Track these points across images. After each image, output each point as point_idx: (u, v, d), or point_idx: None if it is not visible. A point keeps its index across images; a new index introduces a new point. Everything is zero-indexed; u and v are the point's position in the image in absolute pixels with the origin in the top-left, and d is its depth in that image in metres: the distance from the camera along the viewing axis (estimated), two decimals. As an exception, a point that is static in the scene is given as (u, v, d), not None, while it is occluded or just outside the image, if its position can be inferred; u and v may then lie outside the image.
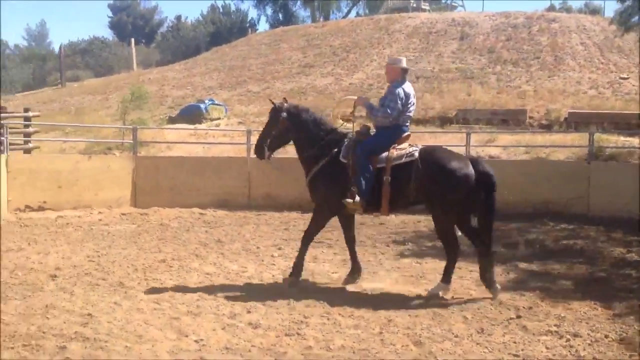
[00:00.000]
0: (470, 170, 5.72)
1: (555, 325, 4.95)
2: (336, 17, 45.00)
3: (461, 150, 12.56)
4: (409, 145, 6.04)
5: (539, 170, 11.14)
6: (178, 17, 49.85)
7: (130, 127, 13.47)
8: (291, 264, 6.88)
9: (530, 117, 17.73)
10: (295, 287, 5.90)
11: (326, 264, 7.06)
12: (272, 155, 6.23)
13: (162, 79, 27.26)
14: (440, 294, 5.73)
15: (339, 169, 5.95)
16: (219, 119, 19.88)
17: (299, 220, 10.33)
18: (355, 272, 6.22)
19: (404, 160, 5.84)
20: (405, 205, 6.19)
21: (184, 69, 29.02)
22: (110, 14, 54.09)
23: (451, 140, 14.68)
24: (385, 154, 5.89)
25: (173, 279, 6.23)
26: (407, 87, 6.17)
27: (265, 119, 6.72)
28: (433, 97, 20.19)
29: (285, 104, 6.17)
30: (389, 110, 5.97)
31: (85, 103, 24.76)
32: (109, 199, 10.91)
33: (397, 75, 6.21)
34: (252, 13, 57.26)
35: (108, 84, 28.52)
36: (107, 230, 8.92)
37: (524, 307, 5.40)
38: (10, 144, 11.21)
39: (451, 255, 5.87)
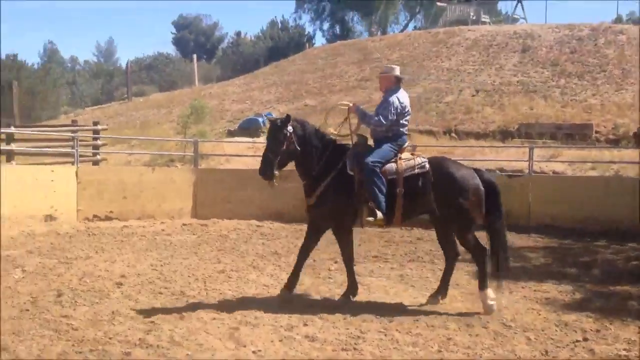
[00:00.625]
0: (478, 179, 5.80)
1: (624, 349, 4.72)
2: (393, 30, 45.03)
3: (524, 166, 12.29)
4: (411, 155, 5.97)
5: (606, 187, 10.71)
6: (238, 33, 51.16)
7: (192, 140, 13.85)
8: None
9: (597, 132, 17.12)
10: (349, 301, 5.82)
11: (382, 279, 7.00)
12: (277, 175, 5.84)
13: (222, 93, 27.95)
14: (489, 302, 5.60)
15: (347, 182, 5.77)
16: (278, 132, 20.17)
17: (355, 234, 10.27)
18: (351, 290, 5.99)
19: (416, 171, 5.79)
20: (414, 216, 6.13)
21: (243, 84, 29.66)
22: (174, 31, 56.07)
23: (513, 155, 14.33)
24: (393, 165, 5.80)
25: (232, 289, 6.33)
26: (402, 96, 6.06)
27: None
28: (493, 111, 19.82)
29: (287, 118, 5.79)
30: (382, 119, 5.86)
31: (149, 117, 25.67)
32: (171, 209, 11.22)
33: (391, 84, 6.12)
34: (310, 28, 58.14)
35: (171, 99, 29.48)
36: (169, 240, 9.16)
37: (591, 330, 5.17)
38: (80, 156, 11.74)
39: (480, 260, 5.82)
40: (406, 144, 6.08)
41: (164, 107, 27.24)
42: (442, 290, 5.99)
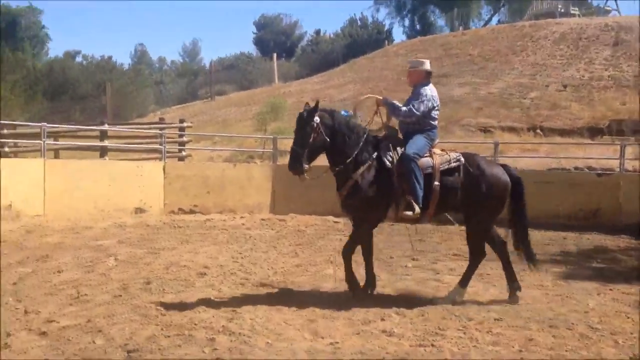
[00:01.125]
0: (507, 176, 5.82)
1: None
2: (476, 25, 43.86)
3: (614, 164, 11.66)
4: (442, 150, 5.89)
5: None
6: (317, 32, 51.56)
7: (271, 137, 14.14)
8: (426, 276, 6.83)
9: (696, 128, 15.97)
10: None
11: (454, 275, 6.86)
12: (308, 168, 5.60)
13: (300, 91, 28.33)
14: (457, 298, 5.68)
15: (381, 174, 5.64)
16: (354, 129, 20.24)
17: (434, 231, 10.17)
18: (369, 284, 5.93)
19: (451, 165, 5.69)
20: (444, 212, 6.02)
21: (321, 81, 29.92)
22: (255, 31, 57.36)
23: (604, 152, 13.65)
24: (429, 159, 5.69)
25: (309, 283, 6.43)
26: (432, 89, 5.94)
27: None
28: (582, 107, 18.93)
29: (314, 108, 5.56)
30: (413, 109, 5.75)
31: (230, 115, 26.44)
32: (251, 204, 11.53)
33: (421, 78, 6.03)
34: (389, 24, 57.62)
35: (251, 97, 30.21)
36: (249, 234, 9.43)
37: (685, 336, 4.85)
38: (167, 152, 12.29)
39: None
40: (437, 139, 6.02)
41: (244, 105, 27.96)
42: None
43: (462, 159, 5.74)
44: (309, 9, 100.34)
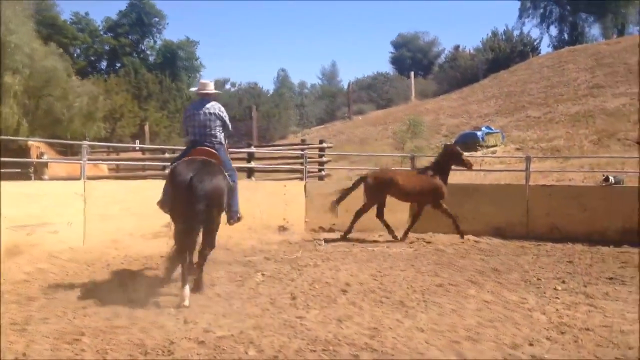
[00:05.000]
0: None
1: None
2: (633, 32, 40.38)
3: None
4: None
5: None
6: (456, 47, 50.64)
7: (409, 155, 14.13)
8: (577, 299, 6.41)
9: None
10: None
11: (619, 303, 6.34)
12: None
13: (437, 108, 27.98)
14: None
15: None
16: (495, 145, 19.58)
17: (585, 253, 9.54)
18: None
19: None
20: None
21: (459, 98, 29.32)
22: (392, 50, 57.77)
23: None
24: None
25: (451, 303, 6.32)
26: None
27: (545, 144, 6.27)
28: None
29: None
30: None
31: (368, 134, 26.80)
32: (389, 223, 11.55)
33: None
34: (535, 35, 54.90)
35: (388, 116, 30.41)
36: (387, 253, 9.48)
37: None
38: (308, 172, 12.79)
39: None
40: None
41: (381, 124, 28.21)
42: None
43: None
44: (448, 26, 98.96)
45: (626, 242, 10.01)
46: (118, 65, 45.92)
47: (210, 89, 7.06)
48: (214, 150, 6.75)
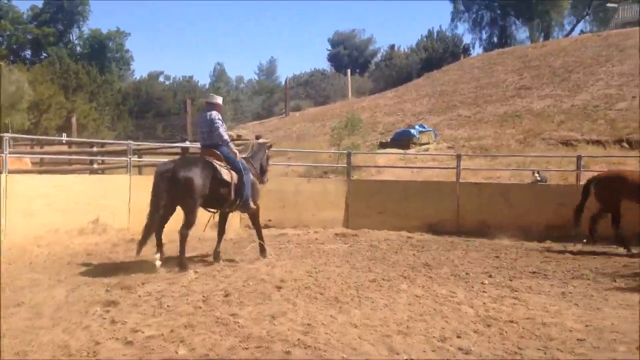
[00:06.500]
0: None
1: None
2: (558, 36, 42.37)
3: None
4: None
5: None
6: (391, 47, 51.46)
7: (345, 152, 14.26)
8: (503, 293, 6.65)
9: None
10: None
11: (542, 296, 6.64)
12: None
13: (374, 106, 28.34)
14: None
15: None
16: (428, 143, 20.04)
17: (511, 248, 9.93)
18: None
19: None
20: None
21: (395, 96, 29.81)
22: (329, 47, 58.03)
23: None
24: None
25: (383, 298, 6.40)
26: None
27: (475, 143, 6.49)
28: (673, 118, 17.83)
29: None
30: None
31: (305, 130, 26.82)
32: (325, 219, 11.65)
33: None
34: (468, 38, 56.49)
35: (325, 112, 30.52)
36: (322, 249, 9.52)
37: None
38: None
39: None
40: None
41: (318, 121, 28.29)
42: None
43: None
44: (384, 25, 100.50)
45: (549, 238, 10.51)
46: (44, 55, 43.90)
47: (214, 100, 8.24)
48: (216, 151, 8.02)
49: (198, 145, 8.47)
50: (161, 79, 46.17)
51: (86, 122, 29.91)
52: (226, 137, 8.08)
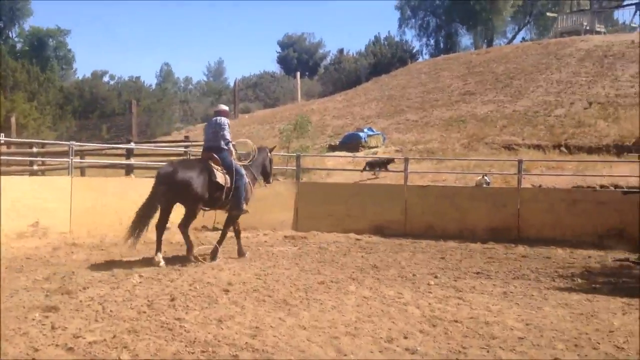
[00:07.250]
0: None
1: None
2: (500, 43, 43.76)
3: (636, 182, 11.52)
4: None
5: None
6: (340, 50, 51.88)
7: (294, 154, 14.26)
8: (448, 293, 6.79)
9: None
10: None
11: (485, 296, 6.82)
12: None
13: (323, 109, 28.49)
14: None
15: None
16: (376, 147, 20.29)
17: (456, 249, 10.16)
18: None
19: None
20: None
21: (344, 100, 30.06)
22: (279, 50, 58.00)
23: (631, 170, 13.49)
24: None
25: (332, 300, 6.44)
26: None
27: (422, 147, 6.63)
28: (608, 124, 18.72)
29: None
30: None
31: (254, 132, 26.66)
32: (274, 221, 11.61)
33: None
34: (416, 44, 57.83)
35: (275, 114, 30.48)
36: (271, 251, 9.48)
37: None
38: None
39: None
40: None
41: (267, 123, 28.21)
42: None
43: None
44: (333, 29, 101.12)
45: (492, 239, 10.82)
46: (-20, 51, 41.93)
47: (221, 108, 8.90)
48: (215, 155, 8.51)
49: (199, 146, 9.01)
50: (106, 78, 44.88)
51: (26, 122, 28.73)
52: (229, 138, 8.62)
